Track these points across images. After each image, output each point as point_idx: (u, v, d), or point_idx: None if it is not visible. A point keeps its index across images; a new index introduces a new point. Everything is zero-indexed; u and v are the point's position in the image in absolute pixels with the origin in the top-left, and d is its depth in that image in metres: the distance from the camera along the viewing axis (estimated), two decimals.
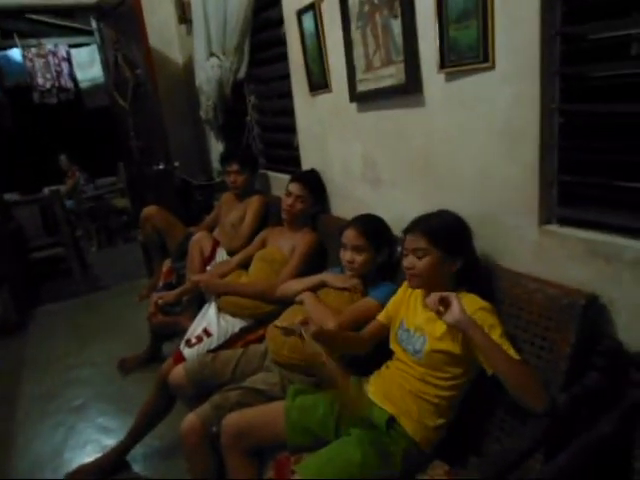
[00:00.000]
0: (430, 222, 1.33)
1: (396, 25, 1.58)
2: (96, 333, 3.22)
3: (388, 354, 1.45)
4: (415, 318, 1.35)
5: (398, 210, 1.75)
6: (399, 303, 1.46)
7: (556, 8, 1.15)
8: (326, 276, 1.74)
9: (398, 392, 1.31)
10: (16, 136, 5.83)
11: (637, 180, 1.11)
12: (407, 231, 1.35)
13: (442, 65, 1.44)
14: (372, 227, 1.67)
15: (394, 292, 1.57)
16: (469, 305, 1.22)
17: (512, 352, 1.14)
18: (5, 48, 5.31)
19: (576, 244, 1.21)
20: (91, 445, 2.11)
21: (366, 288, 1.64)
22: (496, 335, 1.16)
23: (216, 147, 3.35)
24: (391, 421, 1.27)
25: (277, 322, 1.61)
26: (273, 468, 1.36)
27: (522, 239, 1.33)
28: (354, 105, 1.88)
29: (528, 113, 1.23)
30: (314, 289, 1.71)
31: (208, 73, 2.92)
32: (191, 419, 1.48)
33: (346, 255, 1.65)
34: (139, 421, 1.90)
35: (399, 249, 1.68)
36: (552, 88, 1.20)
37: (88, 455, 2.02)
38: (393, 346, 1.40)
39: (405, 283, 1.45)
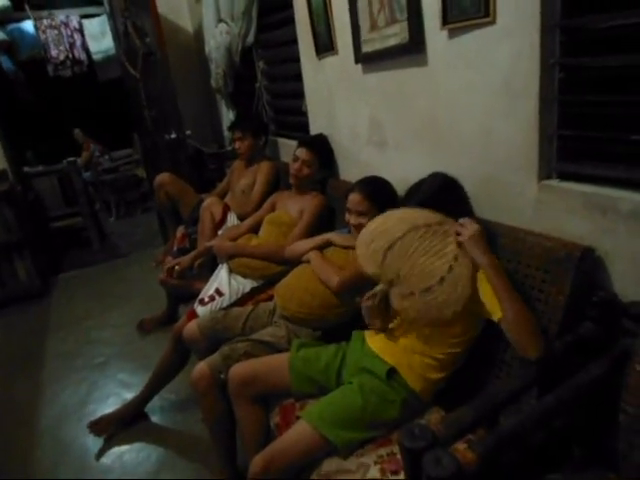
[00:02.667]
0: (420, 189, 1.39)
1: None
2: (115, 298, 3.36)
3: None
4: None
5: (403, 172, 1.77)
6: None
7: None
8: (332, 235, 1.78)
9: (400, 346, 1.36)
10: (33, 109, 5.91)
11: (635, 132, 1.11)
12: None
13: (444, 21, 1.43)
14: (376, 190, 1.69)
15: None
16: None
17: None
18: (18, 20, 5.34)
19: (574, 198, 1.22)
20: (112, 398, 2.25)
21: None
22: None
23: (227, 115, 3.37)
24: (392, 372, 1.32)
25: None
26: (279, 413, 1.44)
27: (522, 195, 1.35)
28: (359, 67, 1.88)
29: (528, 68, 1.23)
30: (321, 248, 1.76)
31: (217, 40, 2.92)
32: (201, 367, 1.57)
33: (352, 219, 1.68)
34: (156, 375, 2.01)
35: None
36: (552, 42, 1.20)
37: (110, 407, 2.15)
38: None
39: None
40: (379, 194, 1.68)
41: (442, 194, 1.36)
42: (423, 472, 0.79)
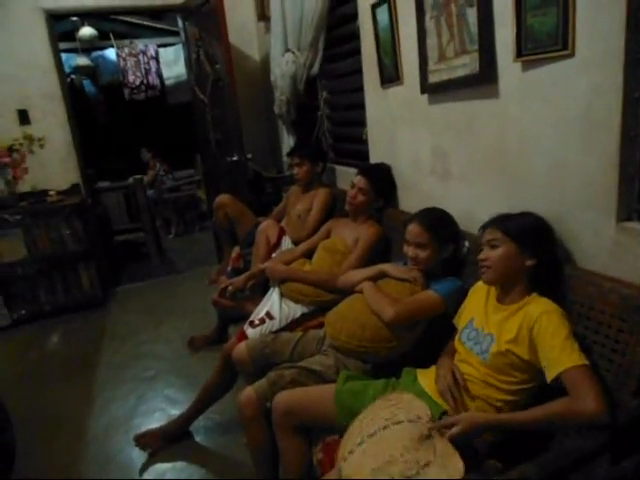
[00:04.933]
0: (508, 218, 1.30)
1: (472, 14, 1.55)
2: (169, 312, 3.45)
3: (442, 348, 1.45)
4: (486, 317, 1.31)
5: (467, 204, 1.72)
6: (469, 302, 1.43)
7: None
8: (387, 266, 1.74)
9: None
10: (108, 130, 6.32)
11: None
12: (484, 227, 1.33)
13: (518, 54, 1.39)
14: (436, 222, 1.64)
15: (458, 288, 1.55)
16: (535, 308, 1.19)
17: (576, 356, 1.08)
18: (102, 48, 5.78)
19: None
20: (158, 413, 2.27)
21: (429, 282, 1.62)
22: (560, 339, 1.11)
23: (287, 141, 3.44)
24: (444, 414, 1.25)
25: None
26: (322, 450, 1.39)
27: (598, 236, 1.26)
28: (425, 97, 1.87)
29: (609, 102, 1.16)
30: (374, 279, 1.72)
31: (283, 68, 3.01)
32: (248, 392, 1.55)
33: (409, 251, 1.63)
34: (203, 394, 2.01)
35: (466, 244, 1.65)
36: (636, 75, 1.13)
37: (155, 421, 2.18)
38: (457, 346, 1.38)
39: (477, 283, 1.42)
40: (440, 226, 1.63)
41: (530, 226, 1.29)
42: None
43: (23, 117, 3.60)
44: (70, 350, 3.09)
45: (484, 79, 1.54)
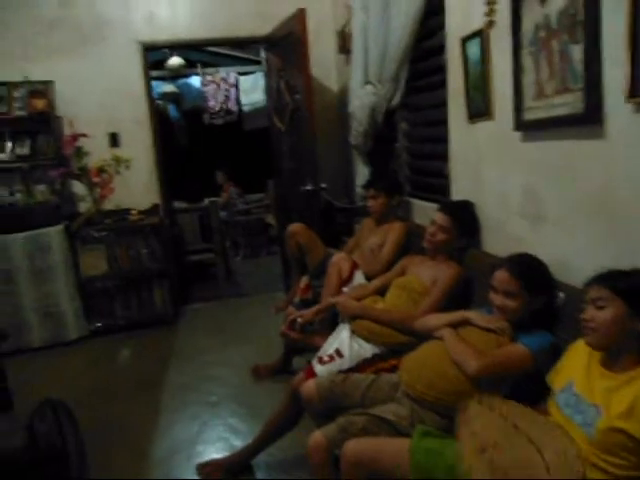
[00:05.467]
0: (618, 275, 1.16)
1: (576, 51, 1.45)
2: (235, 336, 3.48)
3: None
4: (589, 383, 1.17)
5: (561, 252, 1.58)
6: (568, 361, 1.29)
7: None
8: (470, 313, 1.63)
9: None
10: (188, 153, 6.64)
11: None
12: (588, 283, 1.20)
13: (632, 94, 1.27)
14: (528, 270, 1.52)
15: (550, 344, 1.42)
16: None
17: None
18: (187, 76, 6.13)
19: None
20: (221, 442, 2.24)
21: (516, 334, 1.49)
22: None
23: (362, 172, 3.41)
24: None
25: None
26: None
27: None
28: (518, 134, 1.76)
29: None
30: (456, 326, 1.61)
31: (362, 100, 3.00)
32: (318, 437, 1.49)
33: (497, 299, 1.52)
34: (268, 428, 1.96)
35: (560, 295, 1.52)
36: None
37: (217, 450, 2.15)
38: (552, 410, 1.24)
39: (578, 341, 1.28)
40: (532, 275, 1.51)
41: None
42: None
43: (114, 140, 3.86)
44: (139, 366, 3.18)
45: (589, 119, 1.42)
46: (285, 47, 3.57)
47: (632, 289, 1.13)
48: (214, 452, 2.15)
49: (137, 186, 3.95)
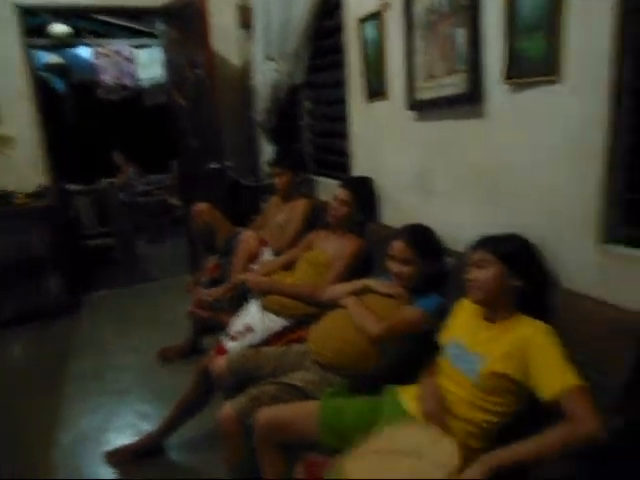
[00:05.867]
0: (496, 239, 1.32)
1: (461, 35, 1.57)
2: (140, 322, 3.35)
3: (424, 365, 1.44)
4: (473, 336, 1.31)
5: (450, 222, 1.73)
6: (455, 319, 1.43)
7: (631, 22, 1.11)
8: (370, 281, 1.73)
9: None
10: (78, 130, 6.13)
11: None
12: (473, 247, 1.34)
13: (507, 76, 1.42)
14: (421, 238, 1.66)
15: (442, 304, 1.56)
16: (527, 328, 1.21)
17: (572, 376, 1.09)
18: (75, 46, 5.61)
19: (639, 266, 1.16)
20: (130, 429, 2.18)
21: (412, 298, 1.62)
22: (554, 359, 1.13)
23: (267, 150, 3.41)
24: None
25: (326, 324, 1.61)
26: (304, 468, 1.36)
27: (583, 259, 1.28)
28: (411, 113, 1.88)
29: (595, 129, 1.19)
30: (358, 294, 1.71)
31: (265, 76, 2.99)
32: (227, 409, 1.51)
33: (394, 267, 1.64)
34: (178, 410, 1.94)
35: (449, 260, 1.67)
36: (622, 104, 1.16)
37: (127, 437, 2.09)
38: (442, 363, 1.37)
39: (463, 300, 1.43)
40: (424, 243, 1.65)
41: (519, 248, 1.31)
42: None
43: None
44: (37, 359, 2.95)
45: (472, 99, 1.56)
46: (184, 19, 3.41)
47: (509, 252, 1.29)
48: (123, 439, 2.07)
49: (22, 167, 3.58)
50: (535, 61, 1.32)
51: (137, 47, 5.76)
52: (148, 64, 5.76)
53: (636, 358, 1.09)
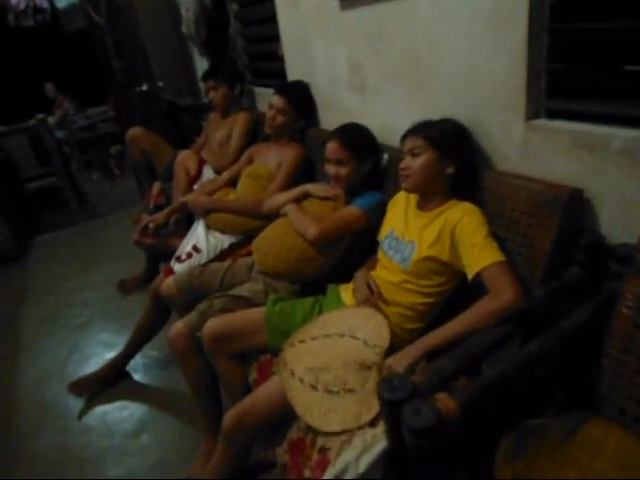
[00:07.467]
0: (428, 125, 1.29)
1: None
2: (95, 258, 3.29)
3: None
4: (406, 225, 1.33)
5: (384, 117, 1.69)
6: (390, 212, 1.44)
7: None
8: (310, 186, 1.71)
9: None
10: None
11: (629, 63, 1.03)
12: (405, 135, 1.31)
13: None
14: (354, 138, 1.61)
15: (380, 201, 1.56)
16: (456, 211, 1.22)
17: (495, 253, 1.13)
18: None
19: (562, 137, 1.16)
20: (94, 359, 2.21)
21: (351, 198, 1.61)
22: (479, 238, 1.15)
23: (201, 65, 3.19)
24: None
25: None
26: (256, 369, 1.41)
27: (508, 136, 1.28)
28: (337, 2, 1.75)
29: None
30: (298, 200, 1.69)
31: None
32: (178, 326, 1.52)
33: (330, 169, 1.61)
34: (137, 333, 1.97)
35: (385, 157, 1.64)
36: None
37: (91, 367, 2.11)
38: (380, 256, 1.40)
39: (397, 194, 1.42)
40: (358, 142, 1.61)
41: (450, 133, 1.28)
42: (403, 423, 0.75)
43: None
44: None
45: None
46: None
47: (441, 136, 1.26)
48: (88, 369, 2.10)
49: None
50: None
51: None
52: None
53: (558, 228, 1.12)
